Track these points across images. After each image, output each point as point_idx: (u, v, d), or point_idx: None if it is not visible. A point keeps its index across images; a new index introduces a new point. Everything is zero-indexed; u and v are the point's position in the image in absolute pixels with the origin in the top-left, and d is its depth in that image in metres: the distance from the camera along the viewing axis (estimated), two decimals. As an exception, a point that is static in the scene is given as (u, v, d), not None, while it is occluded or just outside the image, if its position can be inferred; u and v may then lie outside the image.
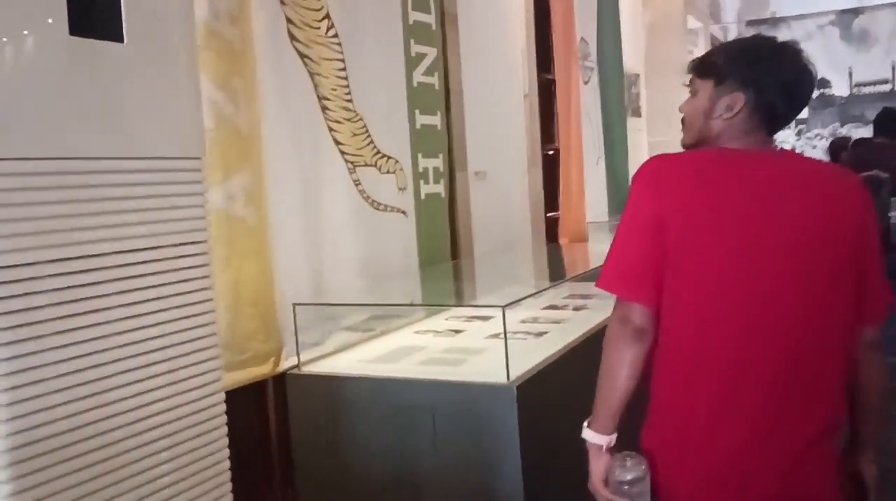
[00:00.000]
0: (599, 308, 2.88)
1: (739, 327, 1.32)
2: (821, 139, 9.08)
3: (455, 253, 3.73)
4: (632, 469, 1.39)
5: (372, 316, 2.72)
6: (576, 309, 2.92)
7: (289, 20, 2.62)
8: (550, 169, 4.95)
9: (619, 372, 1.38)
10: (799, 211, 1.34)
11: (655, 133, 7.15)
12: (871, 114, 8.99)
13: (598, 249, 4.32)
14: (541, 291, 2.46)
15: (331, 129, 2.82)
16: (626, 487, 1.39)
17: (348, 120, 2.90)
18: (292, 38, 2.64)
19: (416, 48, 3.35)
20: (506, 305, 2.05)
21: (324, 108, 2.79)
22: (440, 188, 3.52)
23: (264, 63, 2.50)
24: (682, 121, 1.59)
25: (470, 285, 3.06)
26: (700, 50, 8.14)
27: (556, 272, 3.60)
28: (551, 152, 5.04)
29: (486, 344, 2.44)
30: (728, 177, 1.37)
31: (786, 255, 1.32)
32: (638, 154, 6.91)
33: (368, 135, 3.02)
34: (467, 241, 3.83)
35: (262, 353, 2.41)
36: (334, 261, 2.82)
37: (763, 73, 1.40)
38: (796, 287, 1.32)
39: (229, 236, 2.34)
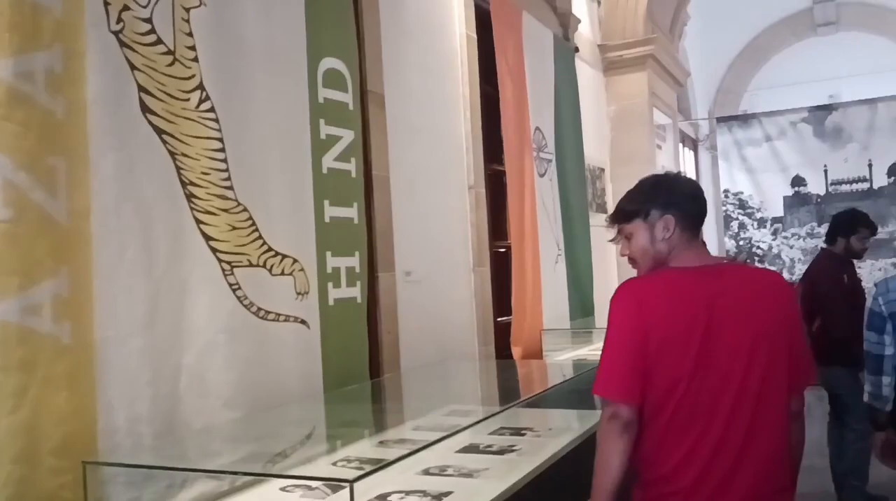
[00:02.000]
0: (529, 451, 2.28)
1: (711, 411, 1.65)
2: (798, 239, 8.72)
3: (376, 368, 3.13)
4: None
5: (191, 480, 2.07)
6: (500, 451, 2.31)
7: (142, 88, 2.13)
8: (501, 268, 4.43)
9: (612, 461, 1.66)
10: (745, 311, 1.69)
11: (623, 229, 6.71)
12: (849, 212, 8.77)
13: (549, 364, 3.74)
14: (417, 450, 1.77)
15: (199, 222, 2.28)
16: None
17: (225, 210, 2.37)
18: (146, 110, 2.14)
19: (327, 129, 2.87)
20: (354, 479, 1.45)
21: (190, 196, 2.26)
22: (355, 291, 2.96)
23: (101, 140, 1.99)
24: (631, 261, 1.86)
25: (361, 423, 2.43)
26: (669, 145, 7.85)
27: (489, 396, 3.00)
28: (502, 249, 4.54)
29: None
30: (689, 292, 1.70)
31: (739, 348, 1.67)
32: (604, 252, 6.45)
33: (255, 229, 2.48)
34: (392, 355, 3.25)
35: (67, 521, 1.77)
36: (197, 388, 2.22)
37: (675, 195, 1.79)
38: (751, 371, 1.67)
39: (25, 360, 1.75)
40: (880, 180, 8.21)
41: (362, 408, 2.65)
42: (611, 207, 6.74)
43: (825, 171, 8.52)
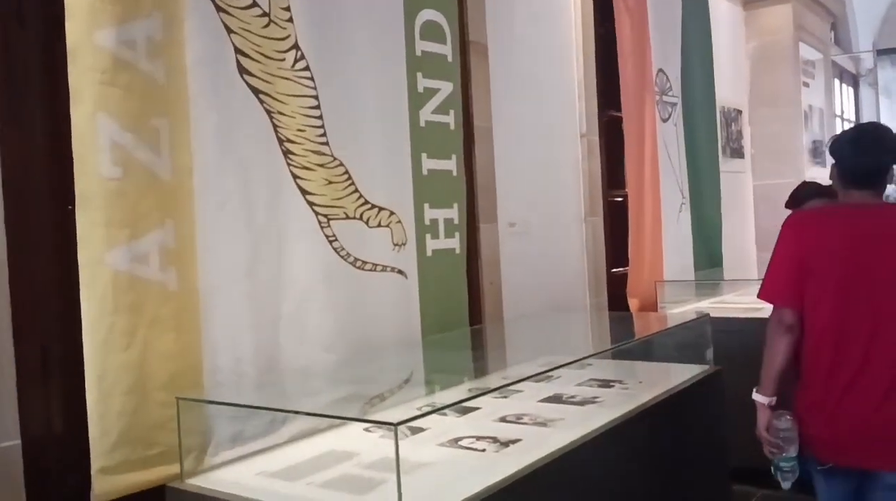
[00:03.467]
0: (610, 403, 2.25)
1: (846, 327, 1.99)
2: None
3: (477, 318, 3.19)
4: (783, 422, 2.04)
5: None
6: (582, 402, 2.30)
7: (238, 50, 2.24)
8: (618, 218, 4.32)
9: (775, 356, 2.07)
10: (885, 246, 1.99)
11: (762, 175, 6.30)
12: None
13: (658, 316, 3.64)
14: (466, 399, 1.82)
15: (295, 177, 2.39)
16: (780, 433, 2.04)
17: (321, 166, 2.47)
18: (243, 71, 2.26)
19: (424, 83, 2.90)
20: (398, 423, 1.50)
21: (286, 153, 2.37)
22: (454, 243, 3.01)
23: (200, 100, 2.13)
24: None
25: (451, 369, 2.48)
26: (819, 82, 7.20)
27: (586, 346, 2.96)
28: (619, 198, 4.41)
29: (434, 455, 1.88)
30: (840, 224, 2.06)
31: (881, 275, 1.97)
32: (739, 200, 6.10)
33: (351, 183, 2.57)
34: (494, 305, 3.28)
35: (176, 448, 1.97)
36: (297, 333, 2.37)
37: (836, 148, 2.14)
38: (881, 298, 1.96)
39: (135, 304, 1.94)
40: None
41: (456, 355, 2.72)
42: (747, 150, 6.34)
43: None
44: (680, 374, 2.58)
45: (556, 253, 3.81)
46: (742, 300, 4.62)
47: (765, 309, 4.05)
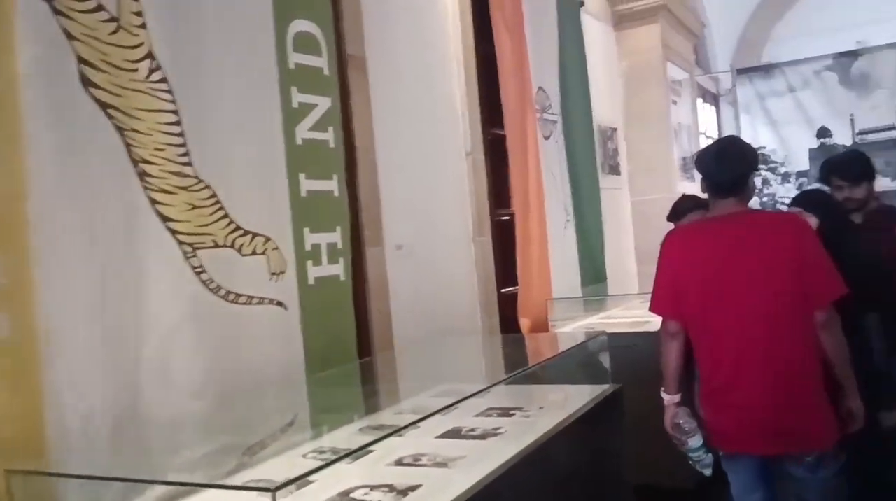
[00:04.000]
0: (514, 434, 2.11)
1: (727, 326, 2.20)
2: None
3: (366, 350, 2.98)
4: (680, 416, 2.32)
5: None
6: (483, 435, 2.14)
7: (82, 60, 1.96)
8: (505, 237, 4.25)
9: (668, 361, 2.34)
10: (750, 248, 2.20)
11: (638, 191, 6.46)
12: (878, 164, 8.31)
13: (551, 337, 3.56)
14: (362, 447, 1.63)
15: (154, 202, 2.12)
16: (678, 427, 2.33)
17: (184, 188, 2.21)
18: (88, 83, 1.97)
19: (300, 97, 2.69)
20: (276, 488, 1.29)
21: (142, 174, 2.10)
22: (338, 269, 2.81)
23: (36, 116, 1.83)
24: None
25: (340, 408, 2.27)
26: (686, 101, 7.53)
27: (483, 373, 2.82)
28: (506, 217, 4.34)
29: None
30: (709, 235, 2.31)
31: (749, 277, 2.18)
32: (618, 215, 6.22)
33: (220, 207, 2.32)
34: (384, 333, 3.09)
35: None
36: (160, 379, 2.08)
37: (701, 162, 2.35)
38: (759, 295, 2.17)
39: (-47, 360, 1.62)
40: (910, 127, 7.82)
41: (345, 392, 2.51)
42: (624, 168, 6.49)
43: (852, 121, 8.12)
44: (580, 396, 2.48)
45: (445, 276, 3.67)
46: (628, 314, 4.66)
47: (653, 322, 4.15)
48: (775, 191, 8.62)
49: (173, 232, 2.16)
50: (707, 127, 9.40)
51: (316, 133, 2.75)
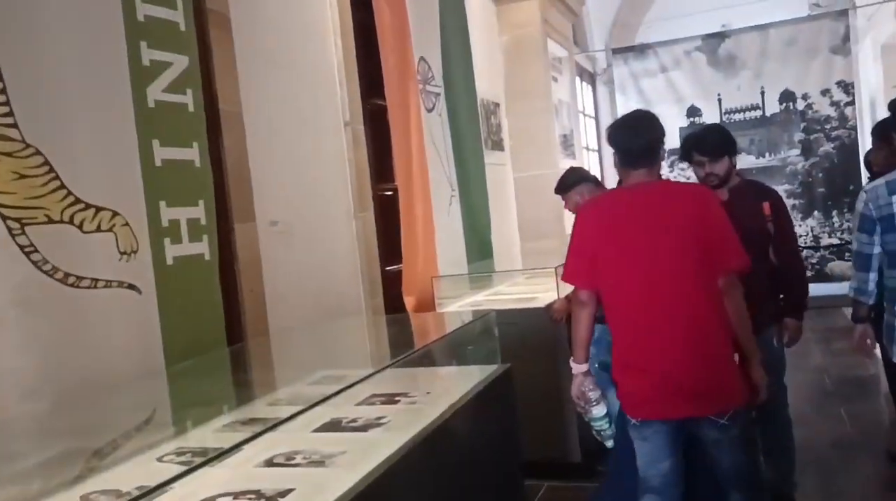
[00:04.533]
0: (398, 424, 1.94)
1: (639, 292, 2.25)
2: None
3: (237, 335, 2.72)
4: (591, 385, 2.40)
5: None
6: (364, 426, 1.95)
7: None
8: (388, 213, 4.06)
9: (579, 328, 2.37)
10: (657, 216, 2.26)
11: (521, 167, 6.43)
12: (743, 142, 8.71)
13: (438, 316, 3.42)
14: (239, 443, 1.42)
15: (-34, 169, 1.78)
16: (588, 395, 2.40)
17: (7, 155, 1.88)
18: None
19: (151, 54, 2.38)
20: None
21: (-51, 136, 1.76)
22: (202, 247, 2.53)
23: None
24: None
25: (205, 401, 2.02)
26: (566, 78, 7.57)
27: (366, 356, 2.63)
28: (389, 192, 4.15)
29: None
30: (618, 204, 2.38)
31: (659, 243, 2.23)
32: (502, 191, 6.17)
33: (54, 177, 2.00)
34: (257, 316, 2.84)
35: None
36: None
37: (613, 134, 2.39)
38: (669, 260, 2.23)
39: None
40: (772, 107, 8.20)
41: (211, 383, 2.25)
42: (507, 143, 6.45)
43: (719, 101, 8.46)
44: (469, 378, 2.35)
45: (325, 254, 3.44)
46: (514, 290, 4.61)
47: (539, 298, 4.12)
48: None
49: (-7, 205, 1.83)
50: (585, 105, 9.56)
51: (171, 95, 2.45)
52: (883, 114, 8.92)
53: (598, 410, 2.39)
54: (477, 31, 5.80)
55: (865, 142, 8.89)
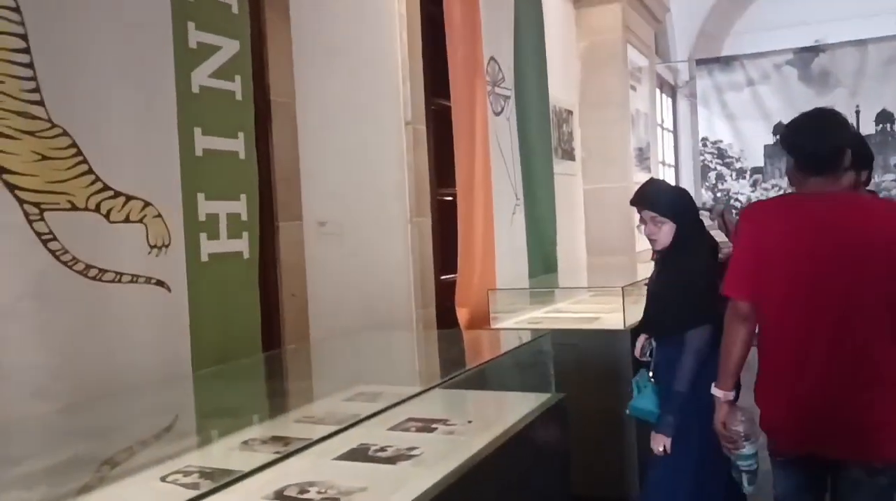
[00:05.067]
0: (435, 455, 1.71)
1: (805, 315, 1.97)
2: (779, 190, 8.20)
3: (275, 341, 2.55)
4: (738, 417, 2.10)
5: None
6: (393, 457, 1.72)
7: None
8: (447, 219, 3.85)
9: (733, 346, 2.09)
10: (848, 232, 1.96)
11: (592, 178, 6.13)
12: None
13: (492, 335, 3.17)
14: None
15: (-15, 147, 1.65)
16: (735, 429, 2.09)
17: (30, 133, 1.74)
18: None
19: (198, 36, 2.23)
20: None
21: (-33, 110, 1.63)
22: (241, 244, 2.36)
23: None
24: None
25: (228, 413, 1.84)
26: (645, 89, 7.23)
27: (409, 374, 2.40)
28: (449, 198, 3.94)
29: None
30: (796, 213, 2.04)
31: (833, 263, 1.94)
32: (571, 203, 5.88)
33: (82, 161, 1.86)
34: (298, 322, 2.66)
35: None
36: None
37: (793, 136, 2.11)
38: (843, 284, 1.93)
39: None
40: (867, 128, 7.66)
41: (240, 392, 2.08)
42: (579, 153, 6.16)
43: (811, 119, 7.94)
44: (518, 406, 2.10)
45: (376, 259, 3.25)
46: (577, 308, 4.33)
47: (602, 318, 3.83)
48: (730, 188, 8.43)
49: (11, 187, 1.69)
50: (664, 118, 9.17)
51: (218, 81, 2.30)
52: None
53: (750, 448, 2.09)
54: (553, 35, 5.56)
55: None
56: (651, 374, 2.52)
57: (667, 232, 2.50)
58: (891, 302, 1.93)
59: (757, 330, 2.09)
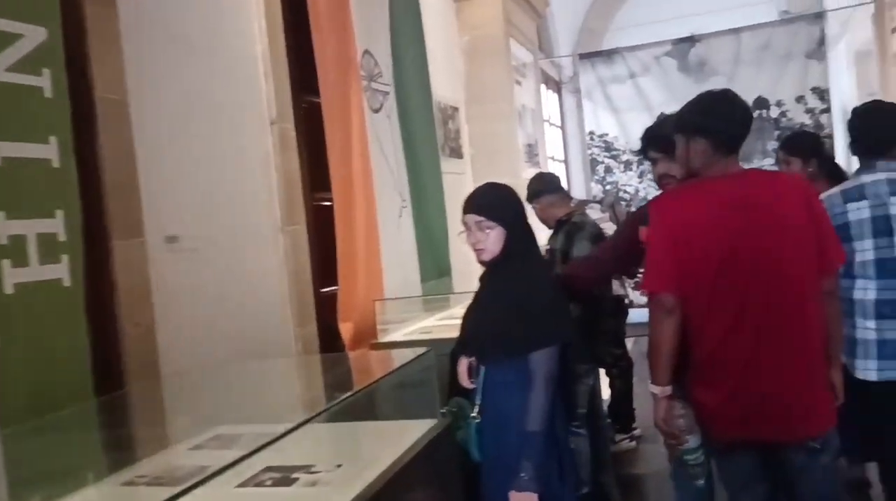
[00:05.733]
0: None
1: (736, 298, 1.96)
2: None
3: (114, 381, 2.16)
4: (678, 410, 2.03)
5: None
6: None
7: None
8: (325, 226, 3.52)
9: (663, 342, 2.03)
10: (769, 208, 1.98)
11: (481, 176, 5.93)
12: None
13: (375, 356, 2.88)
14: None
15: None
16: (677, 422, 2.03)
17: None
18: None
19: (-11, 21, 1.83)
20: None
21: None
22: (60, 270, 1.97)
23: None
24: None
25: (43, 474, 1.49)
26: (530, 84, 7.12)
27: (276, 409, 2.06)
28: (326, 203, 3.61)
29: None
30: (714, 199, 2.00)
31: (758, 242, 1.95)
32: (461, 203, 5.65)
33: None
34: (144, 356, 2.28)
35: None
36: None
37: (702, 114, 2.07)
38: (769, 263, 1.96)
39: None
40: (745, 115, 7.87)
41: (55, 451, 1.69)
42: (466, 150, 5.95)
43: (691, 108, 8.09)
44: (396, 439, 1.82)
45: (242, 276, 2.89)
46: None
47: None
48: (618, 180, 8.47)
49: None
50: (551, 114, 9.14)
51: (19, 76, 1.90)
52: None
53: (694, 440, 2.05)
54: (434, 28, 5.32)
55: (844, 151, 8.62)
56: (477, 407, 2.04)
57: (495, 238, 2.08)
58: (812, 275, 1.97)
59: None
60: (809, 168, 3.14)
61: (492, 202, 2.16)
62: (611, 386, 4.40)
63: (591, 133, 8.60)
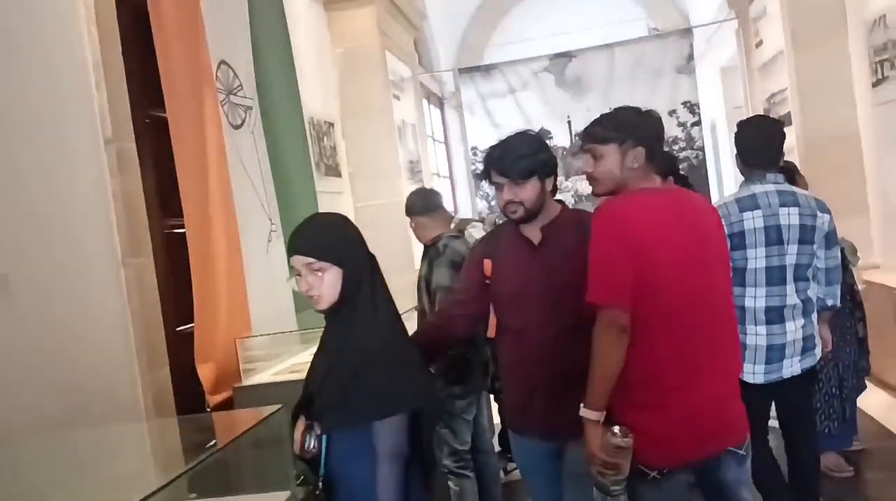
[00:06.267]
0: None
1: (688, 315, 1.88)
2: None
3: None
4: (620, 435, 1.84)
5: None
6: None
7: None
8: (179, 257, 3.13)
9: (611, 364, 1.85)
10: (700, 226, 1.97)
11: (361, 195, 5.66)
12: (594, 165, 8.44)
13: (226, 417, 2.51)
14: None
15: None
16: (615, 449, 1.85)
17: None
18: None
19: None
20: None
21: None
22: None
23: None
24: (592, 180, 2.04)
25: None
26: (409, 98, 6.92)
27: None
28: (180, 230, 3.22)
29: None
30: (657, 212, 1.92)
31: (698, 260, 1.92)
32: (339, 223, 5.36)
33: None
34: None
35: None
36: None
37: (649, 130, 2.00)
38: (709, 280, 1.93)
39: None
40: (622, 129, 7.99)
41: None
42: (344, 168, 5.66)
43: (569, 123, 8.15)
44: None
45: (72, 317, 2.47)
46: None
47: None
48: (503, 195, 8.41)
49: None
50: (434, 130, 9.00)
51: None
52: (722, 136, 9.04)
53: (626, 468, 1.87)
54: (304, 40, 5.02)
55: (713, 163, 8.94)
56: (321, 479, 1.68)
57: (330, 282, 1.70)
58: (729, 288, 2.05)
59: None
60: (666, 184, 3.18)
61: (321, 239, 1.73)
62: (500, 412, 4.20)
63: (475, 148, 8.51)
